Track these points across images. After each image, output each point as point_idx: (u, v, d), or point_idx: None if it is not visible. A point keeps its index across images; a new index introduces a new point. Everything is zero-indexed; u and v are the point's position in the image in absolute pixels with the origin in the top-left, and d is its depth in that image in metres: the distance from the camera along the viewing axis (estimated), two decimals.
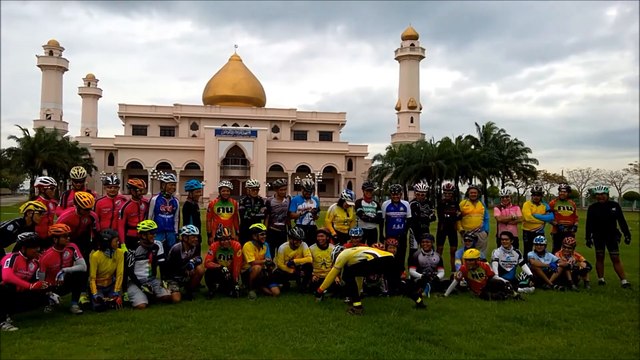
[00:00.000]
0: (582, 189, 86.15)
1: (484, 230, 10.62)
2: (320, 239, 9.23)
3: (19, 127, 70.24)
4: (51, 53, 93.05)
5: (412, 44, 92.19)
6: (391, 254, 8.34)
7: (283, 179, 10.60)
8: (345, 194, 10.07)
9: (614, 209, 10.31)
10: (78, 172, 8.69)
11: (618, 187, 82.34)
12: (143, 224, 8.32)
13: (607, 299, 8.79)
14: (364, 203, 10.19)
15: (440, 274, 9.56)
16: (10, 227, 7.43)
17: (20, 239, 6.89)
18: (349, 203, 9.96)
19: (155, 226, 8.43)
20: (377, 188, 69.96)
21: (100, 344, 5.87)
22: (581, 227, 10.71)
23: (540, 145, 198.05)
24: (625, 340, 6.26)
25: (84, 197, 7.88)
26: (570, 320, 7.19)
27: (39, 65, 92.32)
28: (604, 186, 10.62)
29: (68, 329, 6.47)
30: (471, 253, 9.05)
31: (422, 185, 10.81)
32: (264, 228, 9.13)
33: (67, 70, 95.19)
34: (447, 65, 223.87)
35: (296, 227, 9.48)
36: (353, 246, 9.02)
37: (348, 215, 9.97)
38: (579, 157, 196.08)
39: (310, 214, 9.88)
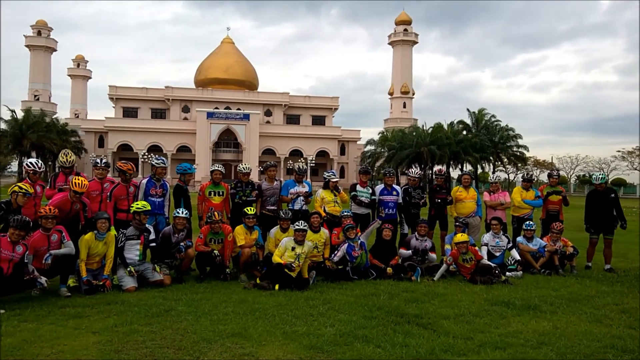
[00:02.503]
0: (570, 175, 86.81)
1: (477, 216, 10.67)
2: (314, 221, 9.22)
3: (7, 107, 69.36)
4: (39, 33, 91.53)
5: (406, 29, 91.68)
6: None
7: (274, 163, 10.56)
8: (326, 173, 10.15)
9: (612, 195, 10.36)
10: (67, 160, 8.54)
11: (606, 173, 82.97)
12: (137, 204, 8.32)
13: (593, 283, 8.89)
14: (359, 187, 10.21)
15: (433, 257, 9.62)
16: None
17: (12, 221, 6.85)
18: (334, 179, 10.00)
19: (149, 207, 8.40)
20: (371, 173, 69.93)
21: (89, 326, 5.87)
22: (576, 213, 10.78)
23: (531, 132, 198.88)
24: (609, 324, 6.36)
25: (78, 180, 7.83)
26: (556, 304, 7.29)
27: (26, 46, 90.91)
28: (601, 175, 10.65)
29: (56, 312, 6.46)
30: (462, 237, 9.13)
31: (415, 171, 10.82)
32: (252, 212, 9.11)
33: (55, 50, 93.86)
34: (441, 50, 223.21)
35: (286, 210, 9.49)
36: (343, 230, 9.11)
37: (335, 196, 9.99)
38: (570, 144, 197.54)
39: (302, 198, 9.87)
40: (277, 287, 7.94)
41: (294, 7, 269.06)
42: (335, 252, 9.06)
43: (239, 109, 76.54)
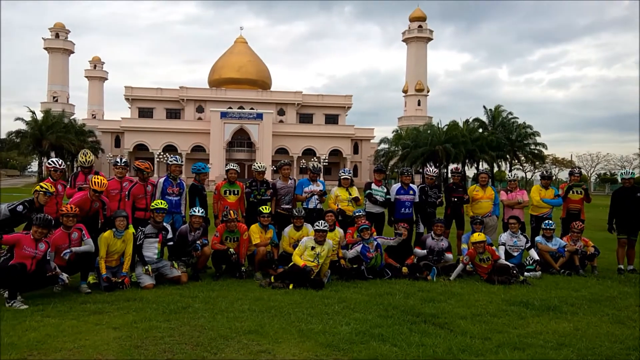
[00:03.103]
0: (591, 174, 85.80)
1: (495, 215, 10.59)
2: (328, 219, 9.21)
3: (28, 108, 70.06)
4: (57, 35, 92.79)
5: (420, 26, 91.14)
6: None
7: (288, 161, 10.56)
8: (341, 172, 10.24)
9: (639, 194, 10.02)
10: (86, 160, 8.72)
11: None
12: (156, 202, 8.43)
13: (614, 284, 8.78)
14: (374, 186, 10.18)
15: (449, 257, 9.58)
16: (20, 208, 7.51)
17: (35, 219, 6.96)
18: (342, 176, 10.07)
19: (166, 206, 8.48)
20: (386, 172, 69.76)
21: (109, 322, 5.93)
22: (597, 212, 10.55)
23: (550, 129, 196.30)
24: (632, 326, 6.26)
25: (97, 179, 7.95)
26: (576, 305, 7.20)
27: (45, 48, 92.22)
28: (629, 170, 10.37)
29: (77, 308, 6.55)
30: (479, 236, 9.06)
31: (432, 170, 10.77)
32: (267, 211, 9.14)
33: (73, 52, 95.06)
34: (456, 46, 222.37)
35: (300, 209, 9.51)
36: (357, 229, 9.08)
37: (350, 194, 9.98)
38: (590, 141, 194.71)
39: (316, 196, 9.87)
40: (291, 286, 7.96)
41: (307, 5, 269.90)
42: (349, 250, 9.06)
43: (252, 109, 76.70)
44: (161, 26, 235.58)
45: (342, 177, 10.10)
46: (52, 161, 8.47)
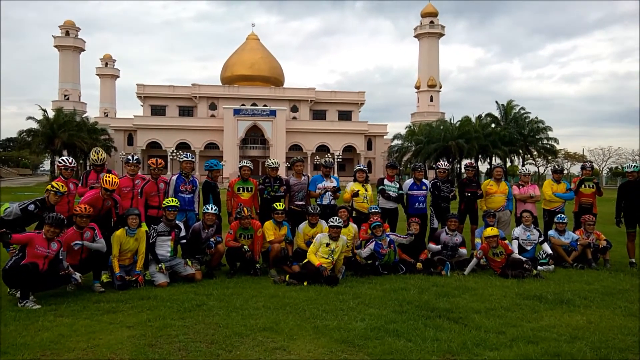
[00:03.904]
0: (602, 168, 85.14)
1: (508, 210, 10.55)
2: (342, 215, 9.20)
3: (39, 106, 70.21)
4: (67, 33, 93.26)
5: (432, 21, 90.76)
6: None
7: (301, 158, 10.54)
8: (357, 166, 10.31)
9: None
10: (98, 157, 8.78)
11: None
12: (167, 200, 8.45)
13: (627, 277, 8.74)
14: (386, 182, 10.16)
15: (463, 252, 9.55)
16: (32, 207, 7.55)
17: (47, 218, 7.00)
18: (361, 168, 10.15)
19: (178, 203, 8.50)
20: (398, 168, 69.54)
21: (123, 321, 5.97)
22: (609, 206, 10.47)
23: (562, 124, 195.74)
24: None
25: (109, 178, 7.99)
26: (589, 298, 7.17)
27: (55, 46, 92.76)
28: (634, 164, 10.31)
29: (91, 307, 6.58)
30: (492, 231, 9.04)
31: (444, 164, 10.77)
32: (281, 207, 9.15)
33: (84, 50, 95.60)
34: (469, 41, 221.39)
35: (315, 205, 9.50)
36: (370, 227, 9.06)
37: (366, 190, 9.97)
38: (603, 136, 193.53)
39: (330, 193, 9.87)
40: (305, 283, 7.97)
41: (318, 1, 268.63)
42: (363, 248, 9.07)
43: (265, 105, 76.79)
44: (173, 23, 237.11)
45: (357, 171, 10.13)
46: (62, 159, 8.47)
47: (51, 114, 66.95)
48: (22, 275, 6.63)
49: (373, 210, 9.50)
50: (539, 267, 9.04)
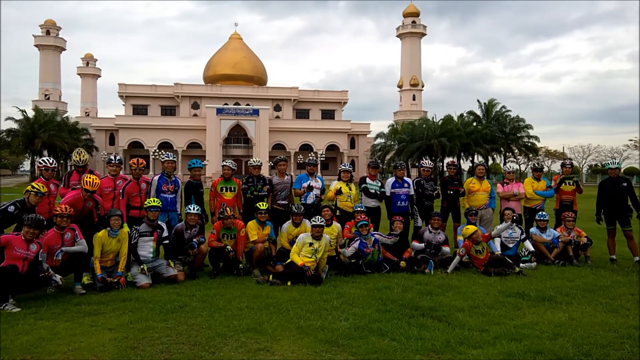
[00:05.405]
0: (582, 165, 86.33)
1: (490, 208, 10.61)
2: (325, 214, 9.20)
3: (17, 107, 69.58)
4: (48, 32, 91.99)
5: (414, 21, 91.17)
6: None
7: (284, 157, 10.51)
8: (341, 166, 10.30)
9: (624, 184, 10.07)
10: (80, 159, 8.67)
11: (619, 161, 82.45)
12: (148, 200, 8.36)
13: (608, 273, 8.82)
14: (368, 181, 10.19)
15: (447, 250, 9.60)
16: (11, 208, 7.41)
17: (26, 220, 6.89)
18: (346, 168, 10.12)
19: (159, 203, 8.43)
20: (381, 166, 69.90)
21: (105, 323, 5.89)
22: (590, 203, 10.59)
23: (542, 122, 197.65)
24: (626, 314, 6.30)
25: (89, 179, 7.88)
26: (571, 295, 7.24)
27: (36, 45, 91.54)
28: (616, 161, 10.39)
29: (72, 310, 6.49)
30: (467, 230, 9.08)
31: (428, 162, 10.86)
32: (264, 207, 9.10)
33: (64, 49, 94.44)
34: (451, 41, 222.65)
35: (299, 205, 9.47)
36: (355, 225, 9.08)
37: (350, 190, 9.98)
38: (582, 134, 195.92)
39: (314, 192, 9.81)
40: (289, 283, 7.94)
41: (302, 0, 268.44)
42: (348, 247, 9.06)
43: (248, 105, 76.54)
44: (155, 22, 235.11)
45: (342, 170, 10.12)
46: (43, 160, 8.33)
47: (31, 114, 66.09)
48: (1, 278, 6.50)
49: (358, 209, 9.50)
50: (521, 265, 9.10)
